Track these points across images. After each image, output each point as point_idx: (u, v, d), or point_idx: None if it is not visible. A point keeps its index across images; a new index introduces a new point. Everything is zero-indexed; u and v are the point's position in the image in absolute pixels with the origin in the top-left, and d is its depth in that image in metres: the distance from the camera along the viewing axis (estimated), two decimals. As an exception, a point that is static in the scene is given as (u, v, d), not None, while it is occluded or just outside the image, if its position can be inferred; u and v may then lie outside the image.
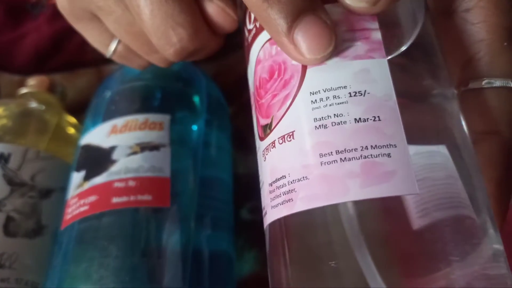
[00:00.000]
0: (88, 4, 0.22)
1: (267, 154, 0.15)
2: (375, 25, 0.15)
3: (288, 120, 0.14)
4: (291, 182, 0.14)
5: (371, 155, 0.13)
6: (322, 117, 0.14)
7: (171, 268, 0.21)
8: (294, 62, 0.15)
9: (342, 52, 0.14)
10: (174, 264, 0.21)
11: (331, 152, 0.13)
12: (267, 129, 0.15)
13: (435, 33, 0.16)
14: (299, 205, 0.14)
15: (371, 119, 0.13)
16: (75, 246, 0.22)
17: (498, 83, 0.17)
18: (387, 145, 0.13)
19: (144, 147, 0.25)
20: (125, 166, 0.24)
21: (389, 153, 0.13)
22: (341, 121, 0.14)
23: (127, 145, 0.25)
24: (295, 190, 0.14)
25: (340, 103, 0.14)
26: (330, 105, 0.14)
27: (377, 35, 0.14)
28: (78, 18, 0.23)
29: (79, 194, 0.24)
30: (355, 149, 0.13)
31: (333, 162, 0.13)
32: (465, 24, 0.19)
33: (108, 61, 0.45)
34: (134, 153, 0.25)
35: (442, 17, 0.19)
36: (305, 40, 0.14)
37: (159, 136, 0.26)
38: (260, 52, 0.16)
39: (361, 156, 0.13)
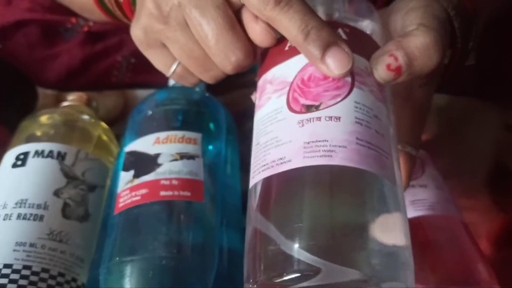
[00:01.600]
0: (159, 35, 0.29)
1: (307, 123, 0.23)
2: None
3: (336, 109, 0.23)
4: (333, 146, 0.22)
5: (379, 150, 0.23)
6: (358, 118, 0.23)
7: (207, 244, 0.28)
8: (347, 78, 0.24)
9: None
10: (208, 242, 0.28)
11: (363, 140, 0.22)
12: (312, 107, 0.23)
13: None
14: (337, 161, 0.21)
15: (381, 135, 0.23)
16: (132, 225, 0.28)
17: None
18: (388, 151, 0.23)
19: (183, 156, 0.32)
20: (169, 169, 0.31)
21: (388, 155, 0.23)
22: (368, 126, 0.23)
23: (169, 153, 0.32)
24: (335, 151, 0.22)
25: (370, 116, 0.23)
26: (363, 114, 0.23)
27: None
28: (149, 46, 0.30)
29: (130, 188, 0.31)
30: (373, 145, 0.23)
31: (362, 145, 0.22)
32: None
33: (130, 86, 0.52)
34: (175, 159, 0.32)
35: None
36: (333, 63, 0.23)
37: (194, 149, 0.33)
38: None
39: (375, 150, 0.22)
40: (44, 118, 0.38)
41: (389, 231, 0.22)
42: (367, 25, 0.28)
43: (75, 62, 0.49)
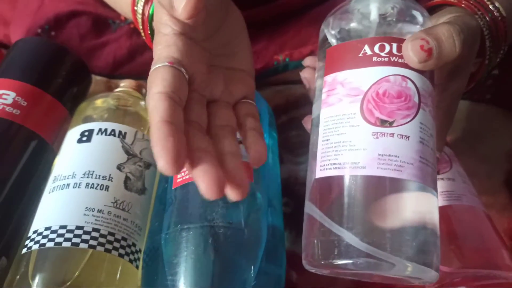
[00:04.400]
0: None
1: (381, 136, 0.26)
2: None
3: (407, 128, 0.26)
4: (402, 162, 0.26)
5: (432, 166, 0.27)
6: (422, 138, 0.27)
7: (258, 220, 0.31)
8: (416, 100, 0.27)
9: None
10: (259, 218, 0.32)
11: (424, 158, 0.26)
12: (386, 123, 0.26)
13: None
14: (405, 175, 0.26)
15: (433, 152, 0.27)
16: (191, 198, 0.32)
17: None
18: (435, 163, 0.27)
19: (233, 140, 0.35)
20: (222, 151, 0.34)
21: (435, 168, 0.27)
22: (427, 145, 0.27)
23: (221, 137, 0.35)
24: (404, 167, 0.26)
25: (428, 135, 0.27)
26: (425, 134, 0.27)
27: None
28: None
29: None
30: (430, 162, 0.27)
31: (423, 163, 0.26)
32: None
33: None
34: (227, 143, 0.35)
35: None
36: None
37: (243, 135, 0.36)
38: (391, 77, 0.28)
39: (431, 166, 0.27)
40: (99, 102, 0.42)
41: (430, 228, 0.26)
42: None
43: (122, 52, 0.52)
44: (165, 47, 0.27)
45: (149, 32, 0.39)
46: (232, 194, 0.23)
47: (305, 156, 0.49)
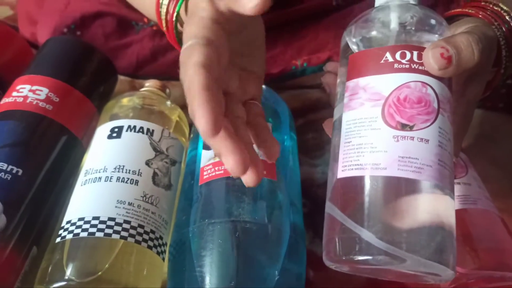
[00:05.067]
0: None
1: (401, 139, 0.27)
2: None
3: (426, 132, 0.28)
4: (421, 164, 0.27)
5: (450, 170, 0.28)
6: (440, 142, 0.28)
7: (282, 217, 0.33)
8: (435, 105, 0.28)
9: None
10: (282, 216, 0.33)
11: (442, 161, 0.28)
12: (407, 126, 0.28)
13: None
14: (424, 177, 0.27)
15: (450, 155, 0.29)
16: (218, 194, 0.33)
17: None
18: (452, 166, 0.29)
19: (257, 140, 0.37)
20: (247, 150, 0.36)
21: (452, 171, 0.28)
22: (445, 149, 0.28)
23: (246, 137, 0.37)
24: (423, 169, 0.27)
25: (447, 140, 0.28)
26: (443, 138, 0.28)
27: None
28: None
29: (212, 164, 0.35)
30: (447, 165, 0.28)
31: (442, 166, 0.27)
32: None
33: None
34: (252, 143, 0.36)
35: None
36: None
37: (266, 135, 0.37)
38: (412, 83, 0.29)
39: (448, 169, 0.28)
40: (125, 101, 0.43)
41: (447, 228, 0.28)
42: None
43: (145, 52, 0.54)
44: (201, 28, 0.28)
45: (174, 31, 0.41)
46: (250, 178, 0.25)
47: (321, 159, 0.50)
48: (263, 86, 0.44)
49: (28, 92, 0.39)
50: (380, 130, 0.28)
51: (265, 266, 0.31)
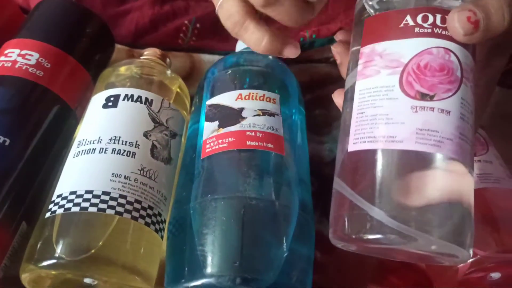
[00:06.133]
0: None
1: (420, 110, 0.25)
2: None
3: (448, 103, 0.25)
4: (441, 137, 0.24)
5: (470, 144, 0.26)
6: (463, 114, 0.25)
7: (290, 194, 0.30)
8: (458, 74, 0.26)
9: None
10: (291, 192, 0.30)
11: (464, 135, 0.25)
12: (427, 96, 0.25)
13: None
14: (445, 152, 0.24)
15: (472, 129, 0.26)
16: (222, 168, 0.31)
17: None
18: (473, 141, 0.26)
19: (264, 112, 0.34)
20: (253, 122, 0.33)
21: (473, 145, 0.25)
22: (467, 122, 0.26)
23: (252, 108, 0.34)
24: (443, 142, 0.24)
25: (469, 112, 0.26)
26: (466, 110, 0.26)
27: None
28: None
29: (216, 136, 0.33)
30: (469, 139, 0.26)
31: (463, 140, 0.25)
32: None
33: (194, 50, 0.54)
34: (258, 115, 0.34)
35: None
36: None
37: (274, 107, 0.35)
38: (434, 49, 0.26)
39: (469, 144, 0.26)
40: (122, 69, 0.40)
41: (466, 207, 0.25)
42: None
43: (145, 21, 0.51)
44: None
45: None
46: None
47: (329, 136, 0.48)
48: (270, 56, 0.42)
49: (17, 56, 0.36)
50: (397, 100, 0.26)
51: (272, 246, 0.28)
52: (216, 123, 0.34)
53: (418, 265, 0.36)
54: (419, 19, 0.27)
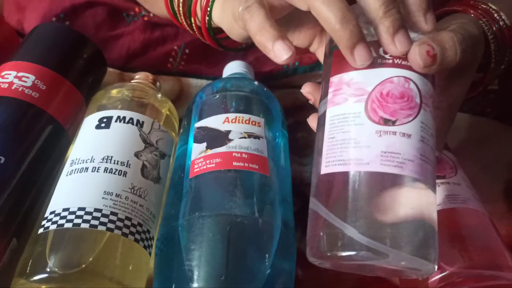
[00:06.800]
0: None
1: (384, 135, 0.27)
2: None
3: (409, 127, 0.27)
4: (403, 159, 0.27)
5: (431, 164, 0.28)
6: (423, 136, 0.28)
7: (273, 213, 0.32)
8: (417, 100, 0.28)
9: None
10: (274, 211, 0.32)
11: (424, 156, 0.27)
12: (389, 121, 0.27)
13: None
14: (406, 172, 0.27)
15: (432, 150, 0.28)
16: (209, 187, 0.33)
17: None
18: (434, 161, 0.28)
19: (250, 135, 0.36)
20: (239, 144, 0.35)
21: (434, 166, 0.28)
22: (427, 144, 0.28)
23: (238, 131, 0.36)
24: (405, 163, 0.27)
25: (429, 135, 0.28)
26: (425, 133, 0.28)
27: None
28: None
29: (204, 157, 0.35)
30: (429, 160, 0.28)
31: (424, 160, 0.27)
32: None
33: (183, 74, 0.56)
34: (244, 137, 0.36)
35: None
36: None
37: (259, 130, 0.37)
38: (395, 78, 0.29)
39: (430, 164, 0.28)
40: (114, 92, 0.42)
41: (429, 223, 0.28)
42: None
43: (136, 45, 0.53)
44: None
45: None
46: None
47: (310, 158, 0.50)
48: (255, 82, 0.44)
49: (13, 78, 0.38)
50: (363, 125, 0.28)
51: (256, 261, 0.30)
52: (204, 144, 0.36)
53: (392, 280, 0.38)
54: (381, 51, 0.30)
